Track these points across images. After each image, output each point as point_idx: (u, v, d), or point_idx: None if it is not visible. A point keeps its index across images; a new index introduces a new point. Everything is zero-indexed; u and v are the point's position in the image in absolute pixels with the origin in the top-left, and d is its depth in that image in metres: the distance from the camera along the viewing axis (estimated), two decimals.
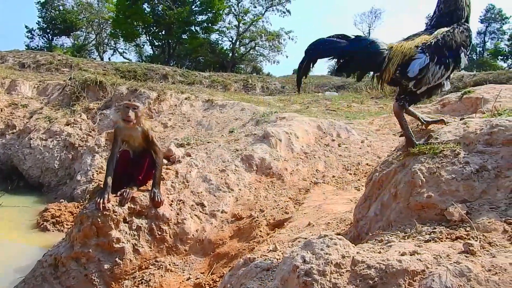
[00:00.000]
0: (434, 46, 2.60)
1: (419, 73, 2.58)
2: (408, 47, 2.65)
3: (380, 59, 2.67)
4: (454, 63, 2.62)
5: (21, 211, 7.53)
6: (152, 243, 4.21)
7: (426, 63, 2.57)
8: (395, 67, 2.64)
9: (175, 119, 9.08)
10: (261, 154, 5.36)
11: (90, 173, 8.16)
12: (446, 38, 2.61)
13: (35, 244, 6.13)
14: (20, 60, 16.78)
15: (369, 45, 2.72)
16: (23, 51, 19.93)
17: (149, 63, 21.09)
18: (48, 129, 9.51)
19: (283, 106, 10.47)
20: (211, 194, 4.79)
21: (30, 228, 6.75)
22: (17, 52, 18.45)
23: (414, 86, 2.64)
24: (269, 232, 4.14)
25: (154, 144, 4.38)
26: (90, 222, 3.95)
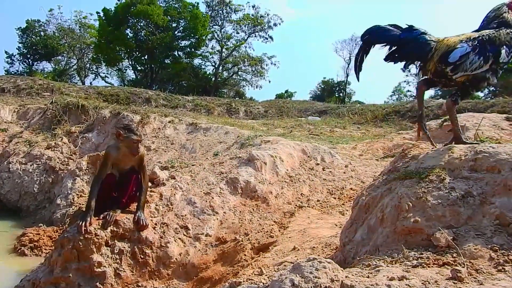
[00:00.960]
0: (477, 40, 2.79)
1: (458, 60, 2.75)
2: (453, 40, 2.85)
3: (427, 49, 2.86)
4: (493, 58, 2.77)
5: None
6: (134, 267, 4.10)
7: (466, 52, 2.75)
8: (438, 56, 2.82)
9: (158, 142, 9.01)
10: (246, 177, 5.33)
11: (71, 197, 7.98)
12: (491, 35, 2.80)
13: (12, 269, 5.92)
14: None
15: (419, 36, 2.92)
16: (3, 76, 19.67)
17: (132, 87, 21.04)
18: (28, 153, 9.31)
19: (266, 130, 10.52)
20: (195, 217, 4.72)
21: (7, 252, 6.55)
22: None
23: (452, 71, 2.79)
24: (254, 256, 4.08)
25: (144, 168, 4.34)
26: (71, 245, 3.84)
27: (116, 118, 9.81)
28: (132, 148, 4.14)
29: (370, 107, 15.42)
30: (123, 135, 4.15)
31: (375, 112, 13.75)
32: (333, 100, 34.00)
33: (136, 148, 4.15)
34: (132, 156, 4.19)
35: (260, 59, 38.15)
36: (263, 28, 37.57)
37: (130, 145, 4.14)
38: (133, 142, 4.13)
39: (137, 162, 4.29)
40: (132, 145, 4.13)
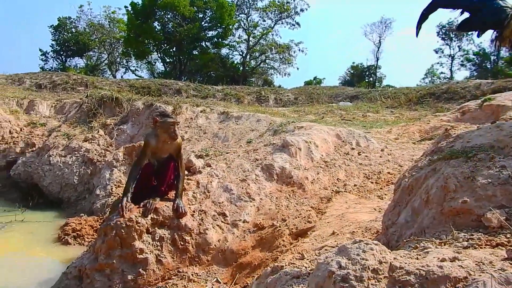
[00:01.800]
0: None
1: None
2: None
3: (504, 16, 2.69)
4: None
5: (42, 226, 7.56)
6: (175, 253, 4.16)
7: None
8: None
9: (191, 132, 9.09)
10: (281, 163, 5.31)
11: (109, 187, 8.18)
12: None
13: (57, 258, 6.13)
14: (36, 81, 17.05)
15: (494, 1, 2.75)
16: (39, 73, 20.26)
17: (162, 79, 21.26)
18: (67, 145, 9.60)
19: (297, 116, 10.44)
20: (232, 204, 4.75)
21: (52, 242, 6.76)
22: (33, 74, 18.76)
23: None
24: (292, 242, 4.07)
25: (181, 156, 4.40)
26: (114, 233, 3.93)
27: (149, 109, 9.95)
28: (169, 131, 4.19)
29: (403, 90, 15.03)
30: (159, 121, 4.20)
31: (409, 95, 13.40)
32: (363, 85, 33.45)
33: (174, 131, 4.21)
34: (172, 141, 4.23)
35: (287, 46, 37.79)
36: (290, 14, 37.18)
37: (167, 129, 4.19)
38: (169, 125, 4.19)
39: (174, 150, 4.34)
40: (169, 128, 4.19)
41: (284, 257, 3.62)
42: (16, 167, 9.94)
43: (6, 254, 6.33)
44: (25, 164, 9.86)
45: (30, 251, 6.48)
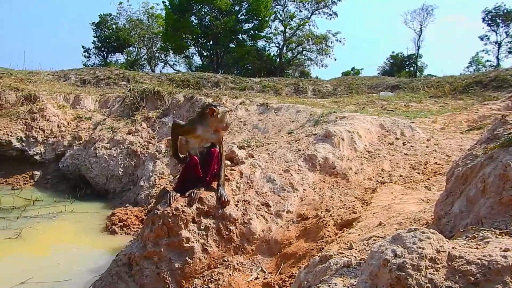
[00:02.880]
0: None
1: None
2: None
3: None
4: None
5: (90, 216, 7.84)
6: (220, 242, 4.21)
7: None
8: None
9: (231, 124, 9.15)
10: (324, 154, 5.26)
11: (153, 179, 8.38)
12: None
13: (105, 247, 6.35)
14: (81, 77, 17.65)
15: None
16: (83, 69, 20.96)
17: (201, 72, 21.50)
18: (112, 138, 9.89)
19: (337, 107, 10.29)
20: (275, 194, 4.75)
21: (100, 231, 7.01)
22: (78, 70, 19.43)
23: None
24: (337, 232, 4.03)
25: (222, 145, 4.43)
26: (161, 222, 4.02)
27: (190, 102, 10.08)
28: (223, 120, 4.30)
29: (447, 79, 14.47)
30: (219, 111, 4.25)
31: (454, 84, 12.89)
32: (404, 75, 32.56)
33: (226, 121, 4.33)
34: (225, 130, 4.35)
35: (324, 36, 37.24)
36: (327, 4, 36.56)
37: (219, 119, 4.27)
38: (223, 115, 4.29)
39: (217, 140, 4.37)
40: (223, 117, 4.29)
41: (330, 247, 3.59)
42: (64, 159, 10.34)
43: (58, 243, 6.62)
44: (72, 157, 10.24)
45: (79, 240, 6.74)
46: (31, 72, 16.34)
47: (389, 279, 1.83)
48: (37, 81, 14.32)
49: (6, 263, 5.73)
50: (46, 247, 6.37)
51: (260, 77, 20.57)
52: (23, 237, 6.42)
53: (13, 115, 10.89)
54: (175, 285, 3.96)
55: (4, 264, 5.69)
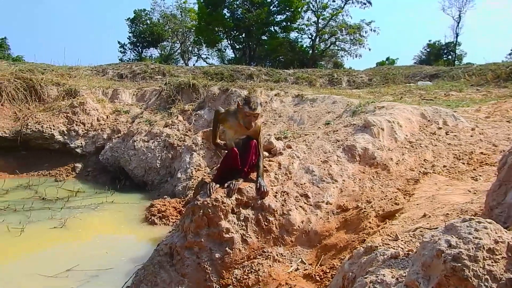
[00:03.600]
0: None
1: None
2: None
3: None
4: None
5: (130, 207, 8.05)
6: (259, 233, 4.20)
7: None
8: None
9: (266, 115, 9.13)
10: (364, 144, 5.16)
11: (190, 171, 8.48)
12: None
13: (144, 237, 6.50)
14: (118, 72, 18.06)
15: None
16: (120, 63, 21.42)
17: (234, 65, 21.55)
18: (149, 131, 10.08)
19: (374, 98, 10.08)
20: (314, 185, 4.69)
21: (139, 222, 7.18)
22: (115, 65, 19.89)
23: None
24: (379, 224, 3.94)
25: (260, 137, 4.39)
26: (202, 213, 4.05)
27: (225, 94, 10.13)
28: (244, 120, 4.08)
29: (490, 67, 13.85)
30: (240, 107, 4.19)
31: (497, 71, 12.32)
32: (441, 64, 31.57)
33: (248, 122, 4.06)
34: (244, 130, 4.16)
35: (358, 26, 36.47)
36: None
37: (244, 118, 4.08)
38: (245, 115, 4.05)
39: (254, 132, 4.31)
40: (244, 117, 4.06)
41: (372, 239, 3.51)
42: (104, 152, 10.63)
43: (100, 233, 6.83)
44: (112, 149, 10.51)
45: (120, 230, 6.94)
46: (71, 68, 16.86)
47: (444, 270, 1.76)
48: (76, 76, 14.77)
49: (52, 251, 5.97)
50: (89, 237, 6.60)
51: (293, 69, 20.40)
52: (67, 226, 6.67)
53: (55, 109, 11.29)
54: (216, 275, 3.99)
55: (50, 252, 5.93)
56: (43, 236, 6.34)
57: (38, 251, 5.90)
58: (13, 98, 11.37)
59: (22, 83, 11.76)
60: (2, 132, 10.70)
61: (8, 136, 10.73)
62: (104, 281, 4.82)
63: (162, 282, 4.11)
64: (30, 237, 6.20)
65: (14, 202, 7.89)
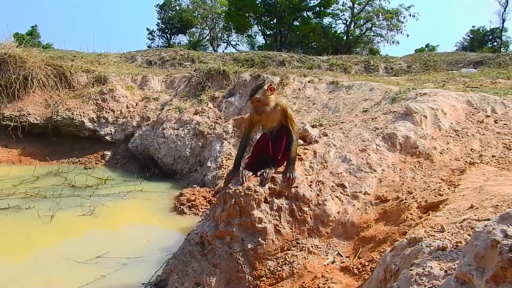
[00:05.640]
0: None
1: None
2: None
3: None
4: None
5: (159, 196, 8.16)
6: (293, 224, 4.17)
7: None
8: None
9: (299, 103, 9.06)
10: (405, 132, 5.04)
11: (220, 159, 8.51)
12: None
13: (174, 226, 6.57)
14: (147, 58, 18.33)
15: None
16: (149, 50, 21.74)
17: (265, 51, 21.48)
18: (179, 119, 10.17)
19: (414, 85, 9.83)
20: (351, 175, 4.63)
21: (168, 211, 7.26)
22: (144, 51, 20.19)
23: None
24: (422, 215, 3.84)
25: (292, 120, 4.31)
26: (233, 201, 4.03)
27: (256, 81, 10.09)
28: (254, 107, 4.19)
29: None
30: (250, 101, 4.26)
31: None
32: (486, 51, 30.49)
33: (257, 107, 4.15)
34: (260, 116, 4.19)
35: (396, 11, 35.62)
36: None
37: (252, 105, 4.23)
38: (251, 102, 4.21)
39: (282, 117, 4.24)
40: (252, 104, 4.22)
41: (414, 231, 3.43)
42: (133, 140, 10.82)
43: (129, 221, 6.96)
44: (141, 137, 10.68)
45: (149, 219, 7.04)
46: (100, 55, 17.22)
47: (500, 262, 1.69)
48: (106, 63, 15.06)
49: (82, 238, 6.13)
50: (118, 225, 6.75)
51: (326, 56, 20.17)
52: (96, 214, 6.83)
53: (85, 96, 11.56)
54: (248, 266, 3.99)
55: (80, 239, 6.09)
56: (73, 224, 6.51)
57: (68, 238, 6.07)
58: (43, 85, 11.70)
59: (53, 70, 12.09)
60: (34, 118, 11.06)
61: (39, 123, 11.09)
62: (133, 270, 4.90)
63: (193, 272, 4.14)
64: (60, 224, 6.38)
65: (44, 189, 8.13)
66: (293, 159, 4.28)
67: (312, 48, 35.49)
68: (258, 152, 4.36)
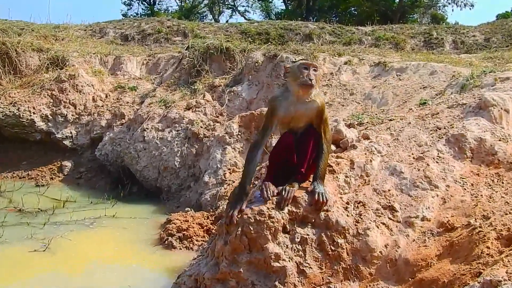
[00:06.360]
0: None
1: None
2: None
3: None
4: None
5: (138, 224, 8.22)
6: (323, 262, 4.19)
7: None
8: None
9: (331, 93, 9.11)
10: (478, 133, 5.06)
11: (221, 172, 8.54)
12: None
13: (159, 265, 6.60)
14: (122, 32, 18.57)
15: None
16: (125, 20, 22.02)
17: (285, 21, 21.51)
18: (165, 116, 10.25)
19: (493, 66, 9.80)
20: (403, 193, 4.65)
21: (152, 244, 7.31)
22: (117, 22, 20.42)
23: None
24: (502, 249, 3.86)
25: (327, 125, 4.33)
26: (240, 231, 4.05)
27: (272, 62, 10.16)
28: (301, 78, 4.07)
29: None
30: (287, 67, 4.21)
31: None
32: None
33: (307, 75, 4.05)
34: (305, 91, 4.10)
35: None
36: None
37: (297, 75, 4.10)
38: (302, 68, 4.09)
39: (315, 115, 4.25)
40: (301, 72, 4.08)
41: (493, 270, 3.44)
42: (102, 145, 10.92)
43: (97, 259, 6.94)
44: (113, 142, 10.77)
45: (125, 256, 7.06)
46: (57, 27, 17.33)
47: None
48: (65, 38, 15.16)
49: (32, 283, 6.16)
50: (83, 264, 6.75)
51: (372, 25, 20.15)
52: (52, 249, 6.87)
53: (36, 85, 11.63)
54: None
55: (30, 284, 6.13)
56: (20, 263, 6.55)
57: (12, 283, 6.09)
58: None
59: None
60: None
61: None
62: None
63: None
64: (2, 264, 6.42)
65: None
66: (323, 173, 4.29)
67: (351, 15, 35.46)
68: (280, 159, 4.37)
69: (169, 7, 43.72)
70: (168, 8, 43.50)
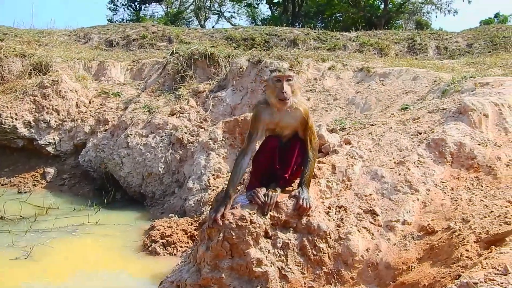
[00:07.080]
0: None
1: None
2: None
3: None
4: None
5: (121, 231, 8.21)
6: (305, 267, 4.21)
7: None
8: None
9: (315, 98, 9.15)
10: (458, 137, 5.12)
11: (205, 178, 8.56)
12: None
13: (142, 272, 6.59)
14: (106, 37, 18.52)
15: None
16: (109, 25, 21.98)
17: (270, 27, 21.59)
18: (149, 122, 10.26)
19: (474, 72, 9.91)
20: (384, 197, 4.69)
21: (136, 251, 7.30)
22: (101, 28, 20.37)
23: None
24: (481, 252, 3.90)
25: (312, 133, 4.36)
26: (222, 237, 4.07)
27: (256, 68, 10.18)
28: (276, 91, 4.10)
29: None
30: (265, 79, 4.22)
31: None
32: None
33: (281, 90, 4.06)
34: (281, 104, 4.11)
35: None
36: None
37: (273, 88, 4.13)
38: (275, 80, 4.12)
39: (299, 123, 4.28)
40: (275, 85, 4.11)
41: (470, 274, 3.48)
42: (86, 151, 10.89)
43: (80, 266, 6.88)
44: (96, 148, 10.75)
45: (108, 262, 7.05)
46: (41, 32, 17.35)
47: None
48: (49, 43, 15.16)
49: None
50: (65, 272, 6.69)
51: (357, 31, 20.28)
52: (34, 257, 6.82)
53: (18, 90, 11.57)
54: None
55: None
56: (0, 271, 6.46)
57: None
58: None
59: None
60: None
61: None
62: None
63: None
64: None
65: None
66: (308, 180, 4.31)
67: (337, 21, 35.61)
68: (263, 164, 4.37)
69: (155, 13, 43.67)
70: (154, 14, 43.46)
